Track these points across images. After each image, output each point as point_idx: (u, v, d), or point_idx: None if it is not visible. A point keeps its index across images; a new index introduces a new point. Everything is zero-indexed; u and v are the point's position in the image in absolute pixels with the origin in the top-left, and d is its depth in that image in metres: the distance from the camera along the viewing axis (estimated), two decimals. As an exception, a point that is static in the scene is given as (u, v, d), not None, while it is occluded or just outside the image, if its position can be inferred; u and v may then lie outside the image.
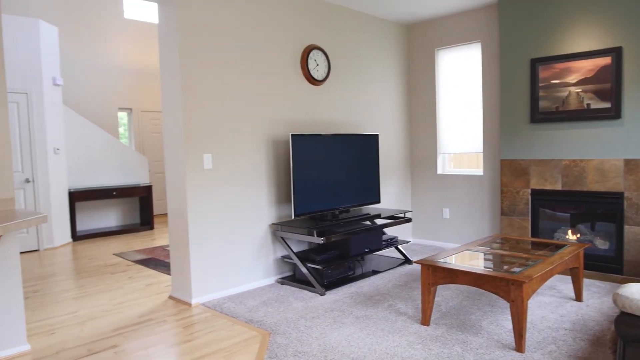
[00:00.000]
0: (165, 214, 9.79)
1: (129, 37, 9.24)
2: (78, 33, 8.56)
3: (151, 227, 8.04)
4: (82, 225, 7.74)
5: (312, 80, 4.91)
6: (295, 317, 3.64)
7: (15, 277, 3.10)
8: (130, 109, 9.38)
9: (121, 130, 9.44)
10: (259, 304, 3.97)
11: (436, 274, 3.34)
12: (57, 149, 6.76)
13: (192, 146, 3.98)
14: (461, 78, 5.76)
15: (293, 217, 4.41)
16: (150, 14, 9.66)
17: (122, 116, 9.51)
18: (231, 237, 4.27)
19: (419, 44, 6.11)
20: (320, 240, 4.15)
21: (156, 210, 9.68)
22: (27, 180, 6.36)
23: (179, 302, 4.10)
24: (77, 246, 6.82)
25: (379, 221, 5.40)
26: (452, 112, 5.87)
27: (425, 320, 3.41)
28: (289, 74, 4.73)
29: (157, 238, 7.27)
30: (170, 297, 4.24)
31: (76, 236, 7.23)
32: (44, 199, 6.50)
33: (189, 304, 4.01)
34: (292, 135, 4.36)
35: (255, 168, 4.44)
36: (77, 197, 7.20)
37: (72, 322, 3.72)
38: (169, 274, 5.04)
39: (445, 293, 4.12)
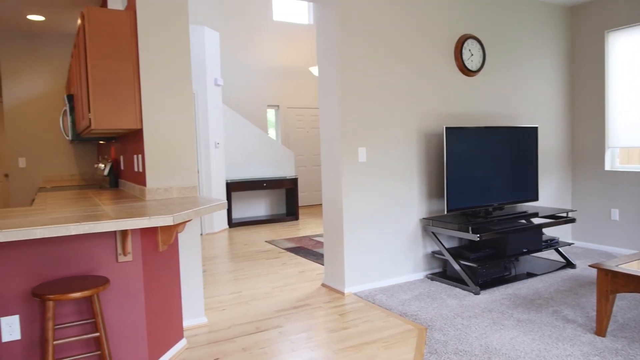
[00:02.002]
0: (309, 206, 10.23)
1: (277, 38, 9.79)
2: (234, 37, 9.30)
3: (296, 218, 8.45)
4: (237, 214, 8.42)
5: (466, 71, 4.72)
6: (450, 315, 3.54)
7: (197, 257, 3.46)
8: (278, 106, 9.94)
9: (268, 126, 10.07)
10: (411, 298, 3.94)
11: (616, 281, 3.01)
12: (217, 144, 7.42)
13: (347, 140, 4.08)
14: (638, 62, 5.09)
15: (445, 212, 4.30)
16: (297, 15, 10.13)
17: (270, 113, 10.12)
18: (382, 230, 4.31)
19: (584, 27, 5.54)
20: (476, 238, 3.98)
21: (300, 201, 10.16)
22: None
23: (332, 290, 4.25)
24: (232, 232, 7.44)
25: (536, 220, 5.02)
26: (626, 102, 5.22)
27: (600, 331, 3.09)
28: (442, 66, 4.61)
29: (303, 228, 7.62)
30: (323, 285, 4.41)
31: (232, 223, 7.89)
32: (206, 189, 7.19)
33: (342, 293, 4.13)
34: (447, 128, 4.24)
35: (406, 162, 4.42)
36: (233, 188, 7.84)
37: (238, 301, 4.06)
38: (319, 263, 5.24)
39: (620, 303, 3.69)
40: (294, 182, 8.47)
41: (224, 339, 3.24)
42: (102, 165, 4.76)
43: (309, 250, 5.90)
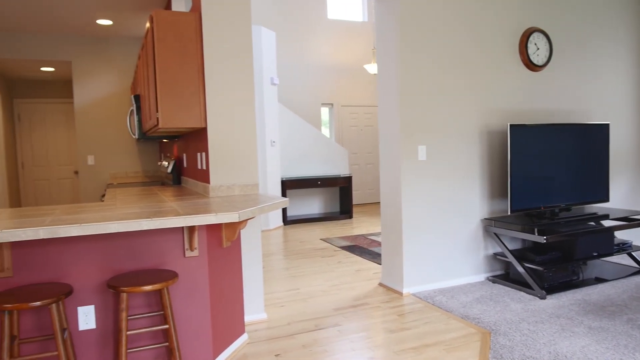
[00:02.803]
0: (362, 204, 10.19)
1: (331, 37, 9.79)
2: (289, 36, 9.39)
3: (350, 216, 8.43)
4: (291, 211, 8.50)
5: (531, 66, 4.53)
6: (515, 319, 3.41)
7: (257, 253, 3.51)
8: (332, 104, 9.95)
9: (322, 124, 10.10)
10: (472, 301, 3.83)
11: (702, 289, 2.79)
12: (273, 142, 7.52)
13: (407, 138, 4.02)
14: None
15: (509, 213, 4.15)
16: (351, 13, 10.09)
17: (324, 111, 10.14)
18: (442, 230, 4.21)
19: (662, 17, 5.18)
20: (542, 240, 3.81)
21: (354, 200, 10.14)
22: (250, 169, 7.21)
23: (390, 290, 4.20)
24: (287, 230, 7.51)
25: (607, 223, 4.75)
26: None
27: (683, 342, 2.88)
28: (505, 61, 4.44)
29: (357, 226, 7.59)
30: (380, 285, 4.36)
31: (286, 220, 7.98)
32: (262, 187, 7.30)
33: (400, 293, 4.08)
34: (511, 125, 4.08)
35: (468, 160, 4.29)
36: (288, 185, 7.92)
37: (296, 298, 4.08)
38: (375, 262, 5.20)
39: None
40: (347, 180, 8.45)
41: (283, 336, 3.27)
42: (165, 163, 4.93)
43: (364, 249, 5.87)
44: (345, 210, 8.59)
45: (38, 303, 2.08)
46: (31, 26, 5.84)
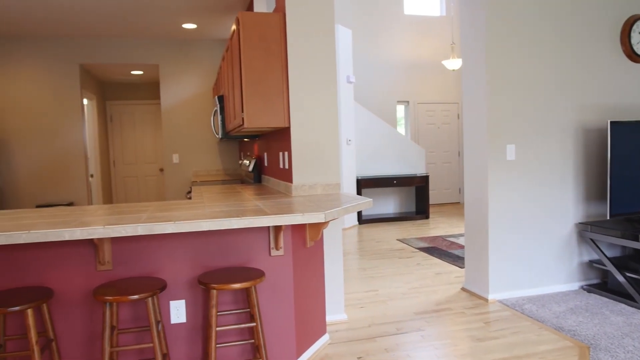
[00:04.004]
0: (439, 204, 9.92)
1: (408, 32, 9.59)
2: (364, 33, 9.30)
3: (427, 216, 8.22)
4: (366, 210, 8.44)
5: (634, 57, 4.15)
6: (617, 334, 3.14)
7: (338, 253, 3.49)
8: (407, 102, 9.75)
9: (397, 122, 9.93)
10: (566, 311, 3.57)
11: None
12: (349, 140, 7.48)
13: (495, 137, 3.82)
14: None
15: (608, 217, 3.82)
16: (429, 7, 9.83)
17: (400, 108, 9.97)
18: (531, 234, 3.96)
19: None
20: (648, 247, 3.48)
21: (430, 199, 9.88)
22: (326, 168, 7.23)
23: (474, 296, 4.02)
24: (362, 229, 7.45)
25: None
26: None
27: None
28: (603, 52, 4.10)
29: (434, 227, 7.38)
30: (463, 289, 4.19)
31: (361, 219, 7.92)
32: (338, 185, 7.29)
33: (485, 299, 3.89)
34: (611, 122, 3.76)
35: (560, 159, 4.01)
36: (363, 184, 7.86)
37: (376, 299, 4.02)
38: (456, 265, 5.01)
39: None
40: (424, 179, 8.24)
41: (364, 338, 3.22)
42: (246, 162, 5.04)
43: (443, 251, 5.68)
44: (421, 210, 8.38)
45: (136, 296, 2.18)
46: (123, 32, 6.20)
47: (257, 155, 4.98)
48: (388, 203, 8.59)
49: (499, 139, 3.83)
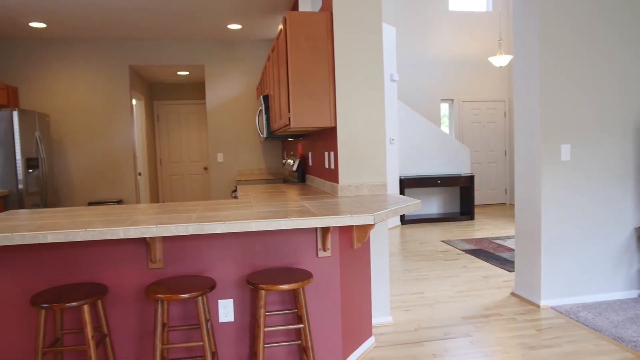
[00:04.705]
0: (484, 205, 9.67)
1: (452, 29, 9.38)
2: (408, 30, 9.17)
3: (471, 217, 8.02)
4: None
5: (703, 52, 3.89)
6: (683, 346, 2.95)
7: (384, 255, 3.44)
8: (452, 100, 9.55)
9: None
10: (626, 320, 3.39)
11: None
12: (392, 140, 7.39)
13: (548, 136, 3.66)
14: None
15: (672, 222, 3.61)
16: (474, 3, 9.58)
17: (444, 107, 9.77)
18: (587, 238, 3.79)
19: None
20: None
21: (475, 200, 9.65)
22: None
23: (524, 301, 3.87)
24: (405, 229, 7.35)
25: None
26: None
27: None
28: (670, 47, 3.87)
29: (480, 229, 7.19)
30: (513, 294, 4.05)
31: (404, 220, 7.82)
32: (380, 185, 7.21)
33: (537, 305, 3.74)
34: (677, 121, 3.54)
35: (619, 160, 3.81)
36: (406, 184, 7.75)
37: (422, 302, 3.94)
38: (505, 269, 4.86)
39: None
40: (469, 179, 8.05)
41: (411, 342, 3.16)
42: (290, 161, 5.05)
43: (490, 254, 5.52)
44: (466, 211, 8.19)
45: (186, 295, 2.20)
46: (171, 35, 6.34)
47: (301, 155, 4.99)
48: (431, 203, 8.43)
49: (553, 139, 3.67)
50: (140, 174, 7.68)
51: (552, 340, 3.12)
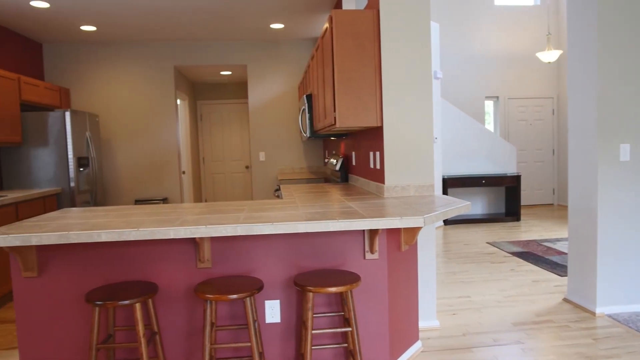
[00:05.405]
0: (530, 205, 9.36)
1: (498, 24, 9.11)
2: (452, 26, 8.96)
3: (517, 219, 7.77)
4: (451, 211, 8.13)
5: None
6: None
7: (431, 257, 3.35)
8: (497, 97, 9.28)
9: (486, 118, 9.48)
10: (691, 331, 3.19)
11: None
12: (435, 138, 7.24)
13: (606, 135, 3.48)
14: None
15: None
16: (521, -3, 9.27)
17: (488, 104, 9.51)
18: (648, 242, 3.58)
19: None
20: None
21: (522, 200, 9.35)
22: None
23: (578, 308, 3.70)
24: (448, 230, 7.19)
25: None
26: None
27: None
28: None
29: (526, 231, 6.96)
30: (566, 300, 3.88)
31: (447, 220, 7.65)
32: (423, 184, 7.08)
33: (592, 313, 3.57)
34: None
35: (684, 161, 3.58)
36: (450, 184, 7.58)
37: (468, 306, 3.83)
38: (555, 273, 4.67)
39: None
40: (515, 179, 7.79)
41: (459, 347, 3.07)
42: (333, 161, 5.02)
43: (539, 257, 5.32)
44: (511, 211, 7.94)
45: (235, 296, 2.20)
46: (214, 35, 6.42)
47: (344, 154, 4.94)
48: (475, 203, 8.23)
49: (611, 138, 3.49)
50: (184, 173, 7.84)
51: (610, 350, 2.97)
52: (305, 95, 4.71)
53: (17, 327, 2.48)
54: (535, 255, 5.42)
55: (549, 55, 7.78)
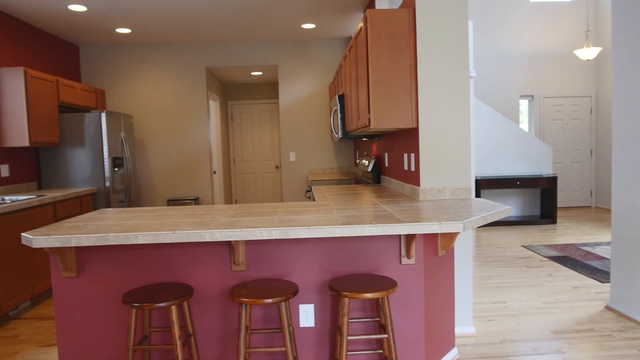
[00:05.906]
0: (567, 208, 9.08)
1: (533, 21, 8.87)
2: (485, 24, 8.78)
3: (553, 221, 7.55)
4: (484, 212, 7.95)
5: None
6: None
7: (468, 262, 3.27)
8: (532, 96, 9.04)
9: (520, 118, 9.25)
10: None
11: None
12: (468, 138, 7.09)
13: (653, 136, 3.33)
14: None
15: None
16: (558, -8, 9.00)
17: (523, 103, 9.27)
18: (698, 249, 3.41)
19: None
20: None
21: (558, 202, 9.09)
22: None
23: (622, 317, 3.55)
24: (481, 233, 7.04)
25: None
26: None
27: None
28: None
29: (563, 234, 6.74)
30: (608, 308, 3.73)
31: (479, 222, 7.49)
32: (455, 185, 6.95)
33: (637, 322, 3.42)
34: None
35: None
36: (483, 185, 7.42)
37: (505, 312, 3.72)
38: (595, 279, 4.50)
39: None
40: (551, 180, 7.57)
41: (497, 356, 2.98)
42: (365, 162, 4.96)
43: (578, 262, 5.14)
44: (547, 214, 7.72)
45: (270, 300, 2.18)
46: (245, 36, 6.44)
47: (376, 155, 4.88)
48: (510, 205, 8.00)
49: (659, 140, 3.33)
50: (215, 172, 7.91)
51: (658, 362, 2.83)
52: (337, 96, 4.67)
53: (57, 326, 2.53)
54: (574, 259, 5.24)
55: (588, 53, 7.52)
